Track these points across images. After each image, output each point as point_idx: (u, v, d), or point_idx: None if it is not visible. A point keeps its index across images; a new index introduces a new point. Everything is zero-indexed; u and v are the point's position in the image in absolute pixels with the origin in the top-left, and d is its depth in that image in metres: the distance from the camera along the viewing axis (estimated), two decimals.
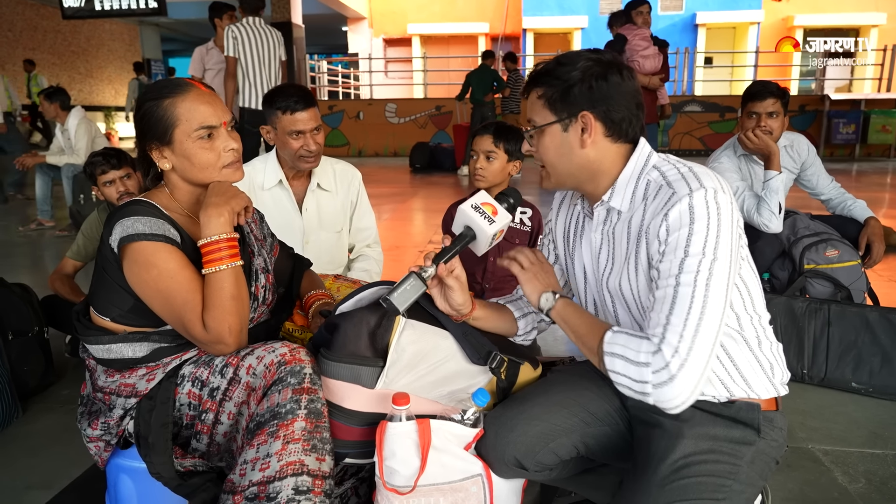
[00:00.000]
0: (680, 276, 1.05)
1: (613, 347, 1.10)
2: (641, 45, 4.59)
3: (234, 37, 4.73)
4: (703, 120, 10.83)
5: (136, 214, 1.24)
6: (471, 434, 1.24)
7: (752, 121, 2.44)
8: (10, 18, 13.84)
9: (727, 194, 1.09)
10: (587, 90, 1.15)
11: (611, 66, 1.16)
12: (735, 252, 1.08)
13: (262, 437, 1.14)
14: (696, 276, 1.04)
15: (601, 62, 1.16)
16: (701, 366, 1.02)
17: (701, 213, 1.06)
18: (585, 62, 1.16)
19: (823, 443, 1.90)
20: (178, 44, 22.07)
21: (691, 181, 1.09)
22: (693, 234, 1.05)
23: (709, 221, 1.05)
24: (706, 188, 1.07)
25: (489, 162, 2.12)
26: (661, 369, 1.02)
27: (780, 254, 2.55)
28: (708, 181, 1.08)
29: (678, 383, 1.01)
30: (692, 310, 1.03)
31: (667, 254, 1.08)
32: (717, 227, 1.05)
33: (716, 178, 1.10)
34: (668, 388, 1.02)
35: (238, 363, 1.22)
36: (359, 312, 1.26)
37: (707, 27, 16.81)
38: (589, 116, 1.16)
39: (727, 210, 1.07)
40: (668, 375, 1.01)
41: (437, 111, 11.57)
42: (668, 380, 1.01)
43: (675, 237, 1.07)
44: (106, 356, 1.31)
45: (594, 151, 1.19)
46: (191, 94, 1.30)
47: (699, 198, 1.07)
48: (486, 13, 17.68)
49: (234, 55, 4.76)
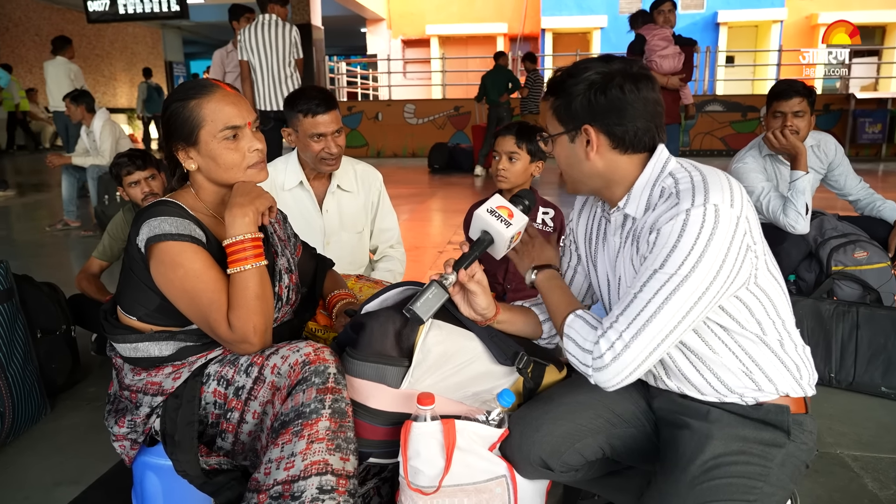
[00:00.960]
0: (645, 285, 1.09)
1: (570, 331, 1.19)
2: (660, 45, 4.54)
3: (243, 39, 4.71)
4: (725, 120, 10.70)
5: (163, 215, 1.26)
6: (495, 434, 1.24)
7: (778, 120, 2.40)
8: (37, 23, 14.14)
9: (736, 208, 1.07)
10: (587, 104, 1.14)
11: (613, 78, 1.13)
12: (729, 267, 1.07)
13: (287, 437, 1.14)
14: (657, 290, 1.07)
15: (606, 75, 1.13)
16: (632, 363, 1.09)
17: (691, 230, 1.06)
18: (592, 74, 1.14)
19: (852, 448, 1.86)
20: (199, 46, 22.35)
21: (698, 194, 1.08)
22: (675, 250, 1.07)
23: (696, 240, 1.05)
24: (709, 203, 1.06)
25: (512, 163, 2.11)
26: (598, 358, 1.12)
27: (807, 255, 2.50)
28: (715, 195, 1.07)
29: (610, 371, 1.11)
30: (640, 316, 1.08)
31: (647, 260, 1.11)
32: (704, 244, 1.05)
33: (728, 190, 1.09)
34: (601, 374, 1.12)
35: (263, 362, 1.23)
36: (385, 312, 1.26)
37: (729, 25, 16.62)
38: (591, 130, 1.16)
39: (726, 226, 1.06)
40: (602, 364, 1.11)
41: (456, 112, 11.56)
42: (602, 367, 1.11)
43: (659, 249, 1.09)
44: (133, 355, 1.32)
45: (601, 163, 1.18)
46: (216, 94, 1.31)
47: (696, 215, 1.06)
48: (505, 13, 17.65)
49: (244, 58, 4.76)
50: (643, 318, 1.08)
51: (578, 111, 1.15)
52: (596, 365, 1.11)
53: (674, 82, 4.82)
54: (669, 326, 1.07)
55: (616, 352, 1.09)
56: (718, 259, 1.05)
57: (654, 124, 1.17)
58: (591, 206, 1.37)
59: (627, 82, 1.13)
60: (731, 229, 1.06)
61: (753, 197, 2.46)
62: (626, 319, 1.09)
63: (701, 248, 1.05)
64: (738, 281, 1.10)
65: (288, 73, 4.80)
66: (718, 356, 1.17)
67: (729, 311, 1.14)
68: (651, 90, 1.16)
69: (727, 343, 1.16)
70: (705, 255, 1.05)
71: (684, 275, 1.06)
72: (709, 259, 1.05)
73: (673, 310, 1.07)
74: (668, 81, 4.77)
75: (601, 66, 1.15)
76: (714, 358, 1.17)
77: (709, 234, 1.05)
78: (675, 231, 1.07)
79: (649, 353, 1.08)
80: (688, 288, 1.06)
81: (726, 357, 1.17)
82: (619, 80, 1.13)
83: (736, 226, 1.06)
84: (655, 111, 1.16)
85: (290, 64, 4.79)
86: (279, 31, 4.71)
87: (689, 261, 1.05)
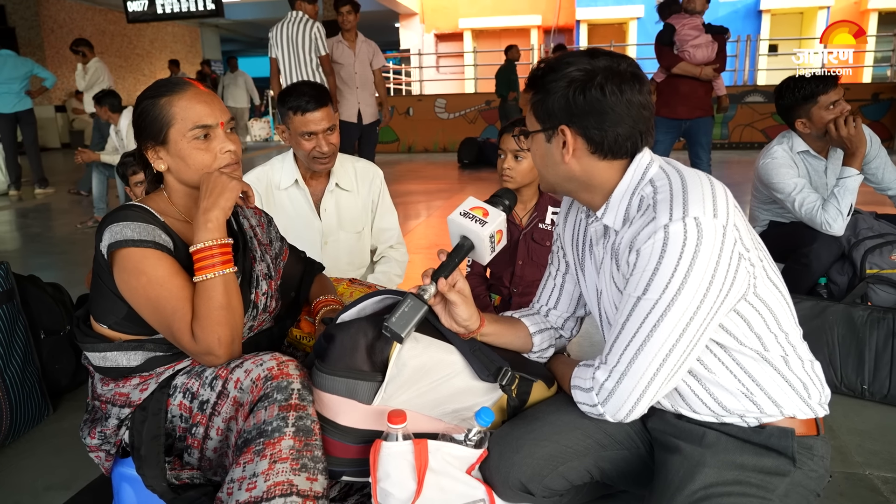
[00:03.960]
0: (631, 314, 1.03)
1: (574, 380, 1.14)
2: (691, 35, 4.34)
3: (272, 36, 4.76)
4: (766, 111, 10.26)
5: (126, 220, 1.21)
6: (473, 455, 1.15)
7: (833, 111, 2.25)
8: (80, 24, 14.53)
9: (720, 217, 0.97)
10: (564, 104, 1.05)
11: (594, 77, 1.03)
12: (720, 282, 0.97)
13: (249, 456, 1.08)
14: (643, 318, 1.00)
15: (588, 73, 1.03)
16: (632, 393, 1.03)
17: (672, 250, 0.97)
18: (574, 71, 1.04)
19: (883, 469, 1.71)
20: (237, 44, 22.69)
21: (676, 207, 0.98)
22: (656, 273, 0.98)
23: (679, 260, 0.96)
24: (688, 217, 0.96)
25: (517, 161, 2.02)
26: (599, 392, 1.07)
27: (840, 257, 2.34)
28: (695, 206, 0.97)
29: (613, 404, 1.05)
30: (629, 346, 1.03)
31: (629, 283, 1.03)
32: (688, 263, 0.96)
33: (711, 197, 0.99)
34: (607, 408, 1.07)
35: (227, 375, 1.17)
36: (356, 323, 1.18)
37: (772, 13, 15.99)
38: (567, 132, 1.06)
39: (710, 239, 0.96)
40: (604, 397, 1.06)
41: (487, 106, 11.42)
42: (605, 400, 1.06)
43: (640, 273, 1.00)
44: (102, 364, 1.28)
45: (578, 167, 1.09)
46: (188, 92, 1.25)
47: (676, 231, 0.96)
48: (539, 5, 17.37)
49: (272, 55, 4.83)
50: (633, 349, 1.02)
51: (555, 110, 1.06)
52: (600, 399, 1.07)
53: (707, 73, 4.61)
54: (663, 352, 1.00)
55: (613, 382, 1.05)
56: (706, 277, 0.96)
57: (639, 130, 1.06)
58: (576, 210, 1.28)
59: (610, 83, 1.02)
60: (716, 242, 0.96)
61: (784, 194, 2.32)
62: (617, 351, 1.05)
63: (685, 268, 0.96)
64: (733, 294, 0.99)
65: (309, 71, 4.80)
66: (714, 375, 1.06)
67: (725, 327, 1.04)
68: (637, 92, 1.04)
69: (724, 361, 1.06)
70: (690, 274, 0.96)
71: (669, 299, 0.97)
72: (695, 278, 0.96)
73: (663, 336, 0.99)
74: (701, 72, 4.57)
75: (585, 61, 1.05)
76: (709, 377, 1.07)
77: (692, 252, 0.95)
78: (656, 252, 0.98)
79: (648, 381, 1.02)
80: (676, 312, 0.97)
81: (723, 376, 1.06)
82: (600, 79, 1.03)
83: (723, 237, 0.96)
84: (641, 115, 1.05)
85: (311, 61, 4.78)
86: (302, 28, 4.71)
87: (674, 283, 0.96)
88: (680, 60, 4.41)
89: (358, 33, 5.18)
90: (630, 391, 1.03)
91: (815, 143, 2.40)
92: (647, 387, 1.02)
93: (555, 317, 1.38)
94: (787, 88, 2.37)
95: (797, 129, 2.39)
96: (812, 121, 2.31)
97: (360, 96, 5.15)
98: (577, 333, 1.42)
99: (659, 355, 1.00)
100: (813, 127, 2.33)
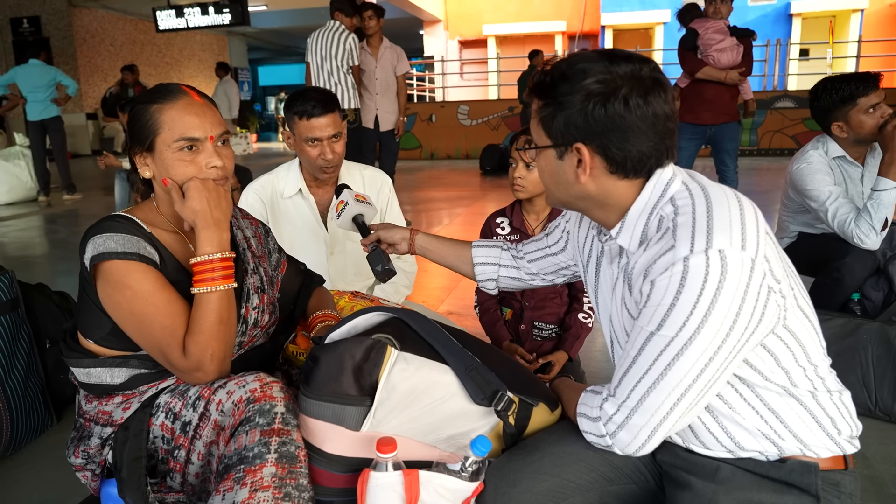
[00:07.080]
0: (643, 348, 0.92)
1: (580, 407, 1.07)
2: (716, 38, 4.21)
3: (309, 42, 4.81)
4: (797, 116, 10.01)
5: (110, 231, 1.16)
6: (469, 488, 1.07)
7: (873, 115, 2.13)
8: (111, 34, 14.83)
9: (749, 250, 0.86)
10: (582, 119, 0.93)
11: (618, 89, 0.91)
12: (746, 319, 0.87)
13: (229, 484, 1.02)
14: (658, 355, 0.90)
15: (609, 83, 0.91)
16: (644, 427, 0.94)
17: (692, 286, 0.86)
18: (591, 83, 0.91)
19: None
20: (263, 52, 22.97)
21: (698, 236, 0.87)
22: (673, 309, 0.88)
23: (699, 297, 0.86)
24: (712, 248, 0.86)
25: (529, 170, 1.94)
26: (607, 423, 0.99)
27: (875, 271, 2.21)
28: (720, 236, 0.86)
29: (623, 438, 0.97)
30: (641, 382, 0.94)
31: (642, 314, 0.92)
32: (710, 301, 0.85)
33: (739, 225, 0.88)
34: (616, 440, 0.98)
35: (210, 396, 1.11)
36: (342, 344, 1.11)
37: (803, 17, 15.64)
38: (584, 150, 0.95)
39: (736, 275, 0.85)
40: (616, 426, 0.98)
41: (510, 112, 11.34)
42: (615, 432, 0.98)
43: (654, 306, 0.90)
44: (86, 380, 1.23)
45: (594, 186, 0.98)
46: (180, 102, 1.20)
47: (697, 265, 0.86)
48: (564, 11, 17.24)
49: (307, 59, 4.88)
50: (645, 386, 0.93)
51: (571, 126, 0.95)
52: (609, 430, 0.99)
53: (733, 77, 4.47)
54: (678, 392, 0.91)
55: (623, 417, 0.96)
56: (730, 315, 0.86)
57: (665, 145, 0.95)
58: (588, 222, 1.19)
59: (634, 94, 0.91)
60: (743, 278, 0.85)
61: (818, 203, 2.20)
62: (627, 386, 0.96)
63: (705, 306, 0.85)
64: (761, 330, 0.90)
65: (339, 78, 4.78)
66: (734, 412, 0.97)
67: (750, 362, 0.94)
68: (664, 102, 0.93)
69: (746, 398, 0.96)
70: (712, 312, 0.85)
71: (687, 338, 0.87)
72: (717, 317, 0.86)
73: (678, 376, 0.89)
74: (726, 77, 4.43)
75: (603, 69, 0.92)
76: (728, 413, 0.97)
77: (714, 289, 0.85)
78: (672, 287, 0.87)
79: (661, 418, 0.93)
80: (694, 351, 0.87)
81: (744, 413, 0.96)
82: (624, 91, 0.91)
83: (751, 272, 0.86)
84: (666, 129, 0.94)
85: (341, 69, 4.77)
86: (337, 37, 4.73)
87: (692, 322, 0.86)
88: (704, 65, 4.28)
89: (383, 38, 5.16)
90: (641, 426, 0.94)
91: (852, 149, 2.27)
92: (660, 423, 0.93)
93: (530, 268, 1.41)
94: (823, 89, 2.24)
95: (833, 134, 2.26)
96: (850, 124, 2.19)
97: (379, 102, 5.12)
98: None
99: (673, 394, 0.91)
100: (850, 131, 2.20)
